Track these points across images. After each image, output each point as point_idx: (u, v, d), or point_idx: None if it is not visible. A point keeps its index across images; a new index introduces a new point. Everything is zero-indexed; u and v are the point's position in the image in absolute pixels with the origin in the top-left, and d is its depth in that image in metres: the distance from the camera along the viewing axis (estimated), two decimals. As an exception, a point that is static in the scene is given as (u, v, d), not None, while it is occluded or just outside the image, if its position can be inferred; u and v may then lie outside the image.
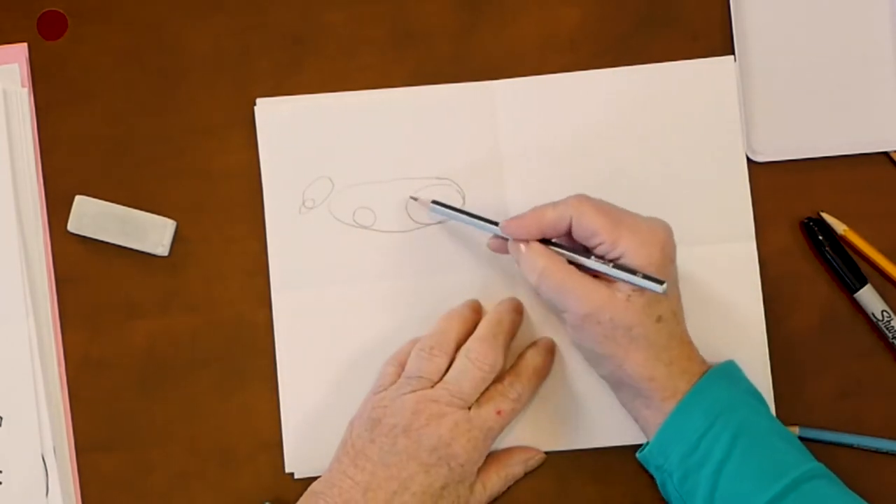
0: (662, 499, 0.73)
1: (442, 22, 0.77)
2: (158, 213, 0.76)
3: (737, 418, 0.66)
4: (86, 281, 0.77)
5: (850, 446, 0.73)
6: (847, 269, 0.74)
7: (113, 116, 0.77)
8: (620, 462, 0.74)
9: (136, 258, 0.76)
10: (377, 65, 0.77)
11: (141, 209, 0.76)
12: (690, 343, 0.69)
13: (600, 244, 0.67)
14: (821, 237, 0.74)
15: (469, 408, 0.69)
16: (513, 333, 0.73)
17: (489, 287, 0.75)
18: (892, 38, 0.76)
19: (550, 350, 0.74)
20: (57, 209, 0.77)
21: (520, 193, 0.75)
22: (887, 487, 0.73)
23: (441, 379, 0.70)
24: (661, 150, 0.75)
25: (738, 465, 0.65)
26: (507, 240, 0.70)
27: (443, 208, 0.73)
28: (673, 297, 0.68)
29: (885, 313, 0.73)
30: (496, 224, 0.71)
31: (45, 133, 0.77)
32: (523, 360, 0.73)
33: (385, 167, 0.76)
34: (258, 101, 0.77)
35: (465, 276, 0.75)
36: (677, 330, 0.68)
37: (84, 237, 0.76)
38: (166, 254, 0.76)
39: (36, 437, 0.75)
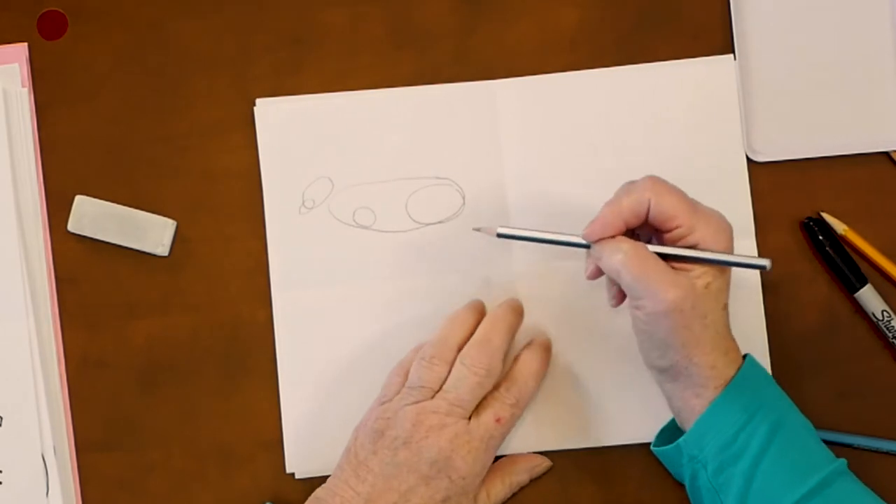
0: (662, 498, 0.73)
1: (442, 22, 0.77)
2: (158, 213, 0.76)
3: (775, 413, 0.66)
4: (86, 281, 0.77)
5: (850, 446, 0.73)
6: (847, 269, 0.74)
7: (113, 116, 0.77)
8: (621, 462, 0.74)
9: (136, 258, 0.76)
10: (377, 65, 0.77)
11: (141, 209, 0.76)
12: (732, 335, 0.69)
13: (677, 227, 0.66)
14: (821, 237, 0.74)
15: (469, 417, 0.69)
16: (511, 335, 0.72)
17: (489, 287, 0.75)
18: (893, 38, 0.76)
19: (546, 349, 0.74)
20: (57, 209, 0.77)
21: (520, 193, 0.75)
22: (887, 487, 0.73)
23: (442, 387, 0.70)
24: (661, 150, 0.75)
25: (774, 461, 0.65)
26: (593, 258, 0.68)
27: (511, 231, 0.70)
28: (728, 290, 0.68)
29: (885, 313, 0.73)
30: (572, 238, 0.68)
31: (45, 133, 0.77)
32: (518, 362, 0.72)
33: (385, 167, 0.76)
34: (258, 101, 0.77)
35: (465, 276, 0.75)
36: (728, 321, 0.68)
37: (84, 237, 0.76)
38: (166, 254, 0.76)
39: (36, 436, 0.75)
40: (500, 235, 0.70)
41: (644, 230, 0.68)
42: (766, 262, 0.66)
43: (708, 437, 0.66)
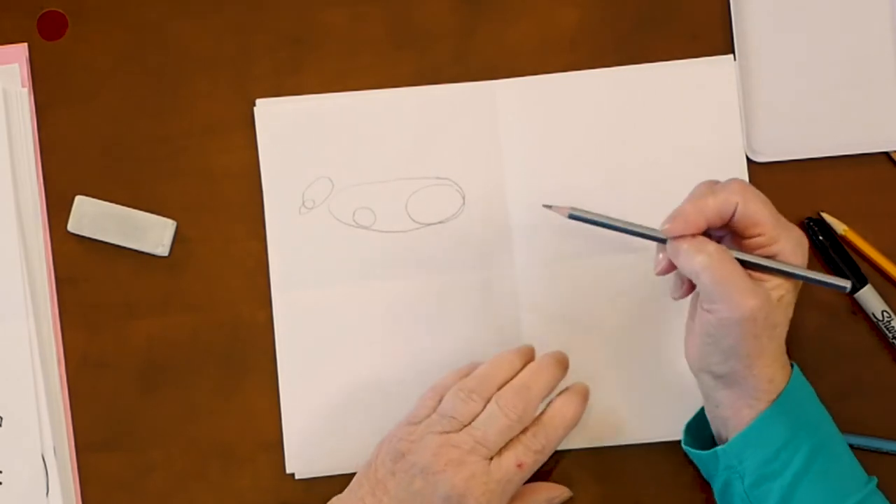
0: (663, 498, 0.73)
1: (442, 22, 0.77)
2: (158, 213, 0.76)
3: (818, 433, 0.66)
4: (86, 281, 0.77)
5: (851, 446, 0.73)
6: (847, 269, 0.74)
7: (113, 116, 0.77)
8: (621, 462, 0.74)
9: (136, 258, 0.76)
10: (377, 65, 0.77)
11: (141, 209, 0.76)
12: None
13: (759, 236, 0.65)
14: (821, 237, 0.74)
15: (491, 458, 0.68)
16: (551, 387, 0.70)
17: (489, 287, 0.75)
18: (893, 38, 0.76)
19: (583, 397, 0.72)
20: (57, 209, 0.77)
21: (520, 193, 0.76)
22: (887, 487, 0.72)
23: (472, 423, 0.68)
24: (661, 150, 0.75)
25: (814, 481, 0.64)
26: (665, 254, 0.66)
27: (584, 214, 0.68)
28: (794, 304, 0.67)
29: (885, 313, 0.73)
30: (646, 230, 0.66)
31: (45, 133, 0.77)
32: (550, 408, 0.70)
33: (385, 167, 0.76)
34: (258, 101, 0.77)
35: (465, 276, 0.75)
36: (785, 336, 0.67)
37: (84, 237, 0.76)
38: (166, 254, 0.76)
39: (36, 436, 0.75)
40: (572, 216, 0.68)
41: (718, 230, 0.67)
42: (846, 284, 0.66)
43: (749, 450, 0.65)
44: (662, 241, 0.66)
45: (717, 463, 0.67)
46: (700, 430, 0.70)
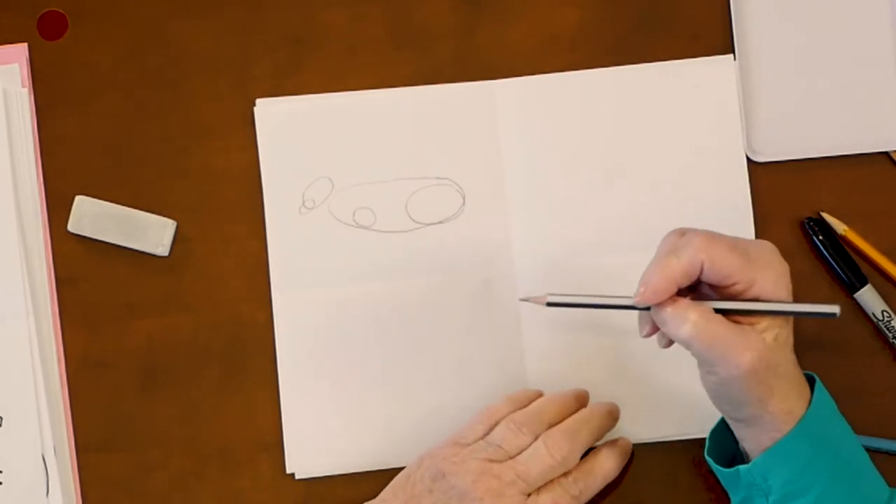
0: (662, 498, 0.73)
1: (442, 22, 0.77)
2: (158, 213, 0.76)
3: (842, 450, 0.65)
4: (86, 281, 0.77)
5: (850, 446, 0.73)
6: (847, 269, 0.74)
7: (113, 116, 0.77)
8: (620, 462, 0.75)
9: (136, 258, 0.76)
10: (377, 65, 0.77)
11: (141, 209, 0.76)
12: (799, 368, 0.66)
13: (735, 284, 0.62)
14: (821, 237, 0.74)
15: (529, 494, 0.67)
16: (598, 437, 0.71)
17: (490, 287, 0.75)
18: (893, 38, 0.76)
19: (626, 454, 0.72)
20: (57, 209, 0.77)
21: (520, 193, 0.76)
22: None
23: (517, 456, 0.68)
24: (661, 150, 0.75)
25: (840, 497, 0.64)
26: (648, 317, 0.65)
27: (561, 299, 0.66)
28: (792, 332, 0.65)
29: (885, 313, 0.73)
30: (626, 300, 0.64)
31: (45, 133, 0.77)
32: (596, 458, 0.71)
33: (385, 167, 0.76)
34: (258, 101, 0.77)
35: (465, 276, 0.75)
36: (795, 358, 0.65)
37: (84, 237, 0.76)
38: (166, 254, 0.76)
39: (36, 436, 0.75)
40: (549, 304, 0.67)
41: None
42: (835, 309, 0.63)
43: (774, 470, 0.64)
44: (646, 309, 0.64)
45: (738, 480, 0.67)
46: (724, 436, 0.69)
